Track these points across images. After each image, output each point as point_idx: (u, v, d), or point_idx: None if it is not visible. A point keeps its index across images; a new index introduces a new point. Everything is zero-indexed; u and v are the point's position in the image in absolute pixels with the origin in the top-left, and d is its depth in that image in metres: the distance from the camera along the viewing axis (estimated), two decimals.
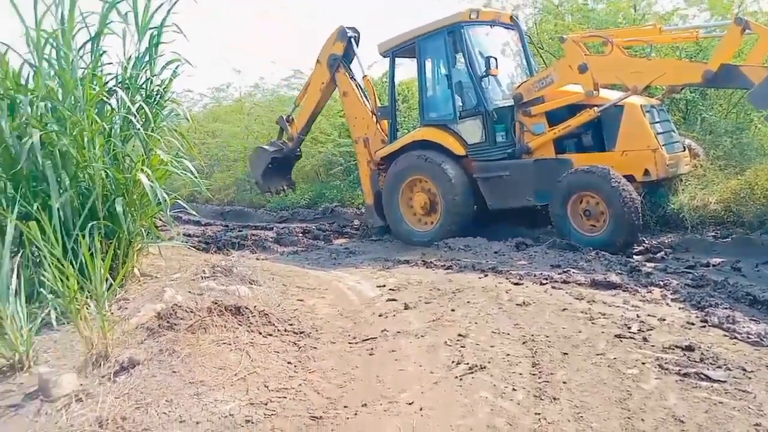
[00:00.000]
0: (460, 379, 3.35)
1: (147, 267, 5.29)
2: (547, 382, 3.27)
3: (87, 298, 3.43)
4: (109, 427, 2.65)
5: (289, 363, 3.51)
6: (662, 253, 5.78)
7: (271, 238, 8.36)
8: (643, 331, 3.82)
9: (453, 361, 3.59)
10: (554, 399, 3.08)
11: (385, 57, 7.91)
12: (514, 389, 3.21)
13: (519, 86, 6.94)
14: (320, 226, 9.09)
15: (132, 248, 4.93)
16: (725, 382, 3.09)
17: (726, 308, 4.04)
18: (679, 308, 4.22)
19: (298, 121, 9.07)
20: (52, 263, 3.36)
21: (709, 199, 6.26)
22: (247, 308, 3.98)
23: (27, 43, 4.73)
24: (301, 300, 4.85)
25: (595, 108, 6.29)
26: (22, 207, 4.03)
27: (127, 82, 5.16)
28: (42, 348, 3.42)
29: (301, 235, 8.49)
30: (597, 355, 3.55)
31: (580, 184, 6.07)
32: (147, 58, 5.28)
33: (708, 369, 3.22)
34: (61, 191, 4.29)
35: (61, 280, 3.37)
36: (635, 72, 6.05)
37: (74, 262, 3.47)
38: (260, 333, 3.79)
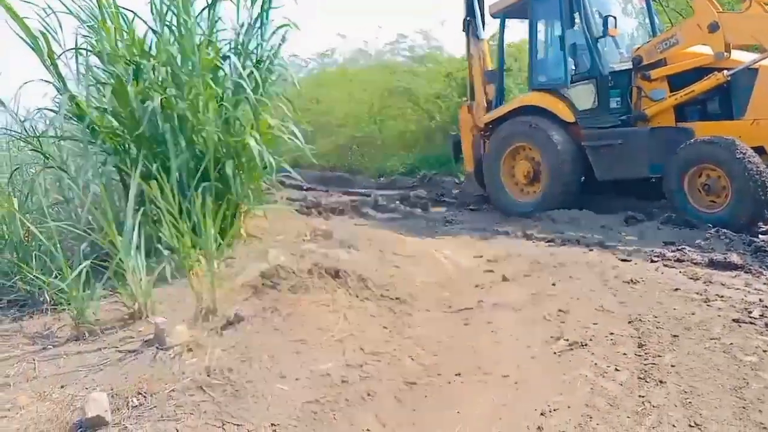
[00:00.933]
0: (559, 356, 3.25)
1: (253, 228, 5.53)
2: (654, 364, 3.09)
3: (199, 255, 3.65)
4: (217, 377, 2.82)
5: (384, 328, 3.56)
6: None
7: (370, 204, 8.48)
8: (766, 317, 3.51)
9: (552, 337, 3.48)
10: (660, 382, 2.91)
11: (495, 18, 7.60)
12: (617, 369, 3.07)
13: (639, 48, 6.47)
14: (418, 194, 9.07)
15: (239, 210, 5.16)
16: None
17: None
18: None
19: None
20: (169, 221, 3.59)
21: None
22: (345, 272, 4.07)
23: (151, 10, 5.00)
24: (397, 267, 4.88)
25: (725, 71, 5.73)
26: (144, 167, 4.33)
27: (239, 47, 5.34)
28: (158, 300, 3.69)
29: (398, 202, 8.53)
30: (711, 339, 3.31)
31: (699, 157, 5.61)
32: (258, 24, 5.42)
33: None
34: (178, 153, 4.55)
35: (177, 237, 3.61)
36: None
37: (188, 221, 3.70)
38: (358, 297, 3.87)
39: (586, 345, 3.33)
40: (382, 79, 12.46)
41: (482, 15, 7.88)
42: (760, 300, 3.77)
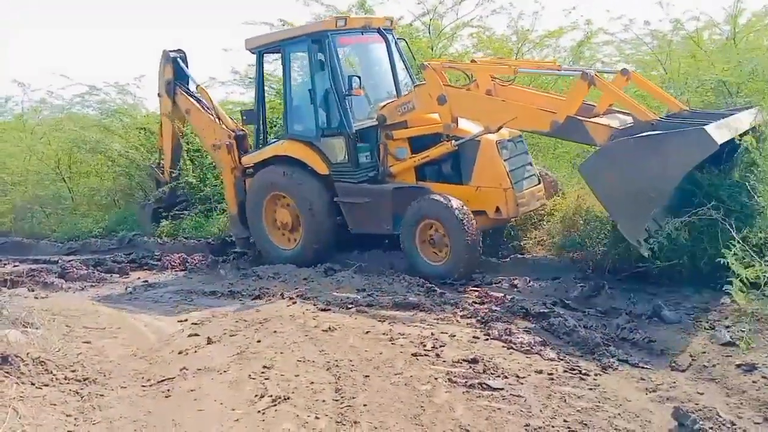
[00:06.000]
0: (263, 413, 3.30)
1: None
2: (350, 406, 3.35)
3: None
4: None
5: (68, 416, 3.16)
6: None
7: (56, 272, 7.46)
8: (436, 348, 4.10)
9: (256, 395, 3.52)
10: (355, 423, 3.17)
11: (252, 53, 7.35)
12: (317, 417, 3.24)
13: (383, 107, 6.64)
14: (116, 258, 8.32)
15: None
16: (503, 389, 3.44)
17: (504, 322, 4.50)
18: (467, 324, 4.59)
19: (165, 162, 8.54)
20: None
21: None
22: (17, 356, 3.52)
23: None
24: (87, 342, 4.41)
25: (453, 141, 6.24)
26: None
27: None
28: None
29: (92, 268, 7.69)
30: (396, 374, 3.73)
31: (426, 213, 6.02)
32: None
33: (489, 379, 3.57)
34: None
35: None
36: (490, 112, 6.02)
37: None
38: (33, 384, 3.37)
39: (289, 398, 3.45)
40: (70, 133, 11.21)
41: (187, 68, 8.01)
42: (432, 334, 4.40)
